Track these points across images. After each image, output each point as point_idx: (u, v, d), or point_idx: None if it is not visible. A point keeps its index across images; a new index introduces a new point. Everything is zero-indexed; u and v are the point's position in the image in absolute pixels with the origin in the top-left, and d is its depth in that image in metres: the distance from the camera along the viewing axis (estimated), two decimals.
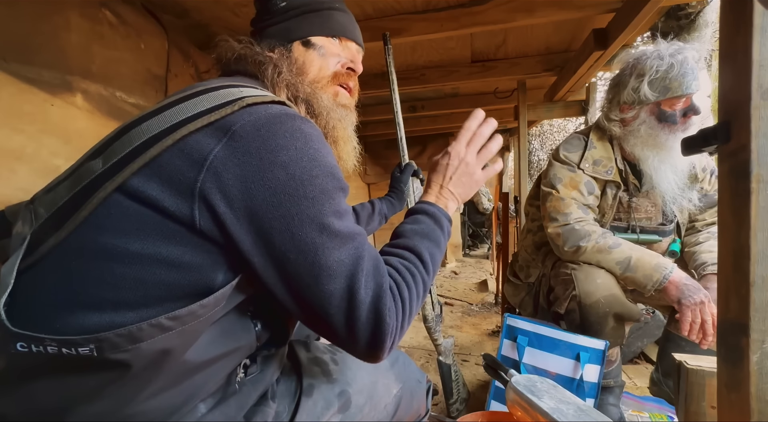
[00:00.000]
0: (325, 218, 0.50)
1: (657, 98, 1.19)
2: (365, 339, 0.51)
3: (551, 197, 1.31)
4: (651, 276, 1.13)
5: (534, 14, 1.51)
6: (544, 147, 6.12)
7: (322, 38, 0.75)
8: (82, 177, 0.49)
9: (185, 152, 0.47)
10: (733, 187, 0.52)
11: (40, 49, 1.14)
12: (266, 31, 0.74)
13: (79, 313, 0.43)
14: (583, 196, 1.28)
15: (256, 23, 0.77)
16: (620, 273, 1.18)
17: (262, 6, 0.76)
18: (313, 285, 0.49)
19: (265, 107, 0.52)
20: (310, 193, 0.50)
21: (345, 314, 0.50)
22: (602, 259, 1.19)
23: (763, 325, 0.49)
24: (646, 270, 1.14)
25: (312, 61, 0.73)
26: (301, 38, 0.74)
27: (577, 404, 0.86)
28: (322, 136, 0.56)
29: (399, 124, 1.27)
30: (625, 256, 1.17)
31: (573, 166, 1.32)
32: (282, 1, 0.73)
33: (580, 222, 1.24)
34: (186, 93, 0.54)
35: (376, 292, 0.52)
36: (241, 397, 0.57)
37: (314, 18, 0.75)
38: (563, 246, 1.24)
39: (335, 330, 0.51)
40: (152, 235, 0.45)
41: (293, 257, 0.49)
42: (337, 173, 0.54)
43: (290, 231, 0.48)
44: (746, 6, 0.48)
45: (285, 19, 0.74)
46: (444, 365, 1.33)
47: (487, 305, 3.04)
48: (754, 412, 0.49)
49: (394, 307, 0.53)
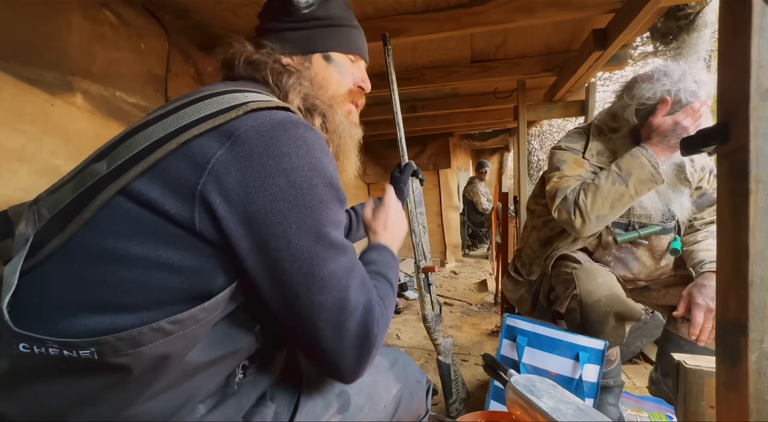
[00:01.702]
0: (322, 228, 0.51)
1: (637, 124, 1.20)
2: (352, 354, 0.52)
3: (552, 180, 1.30)
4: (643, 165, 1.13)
5: (534, 15, 1.51)
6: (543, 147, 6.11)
7: (340, 55, 0.76)
8: (85, 179, 0.49)
9: (188, 156, 0.47)
10: (731, 187, 0.52)
11: (40, 50, 1.14)
12: (284, 34, 0.73)
13: (81, 315, 0.44)
14: (588, 173, 1.27)
15: (269, 22, 0.75)
16: (624, 188, 1.15)
17: (281, 7, 0.73)
18: (304, 295, 0.50)
19: (269, 113, 0.53)
20: (309, 201, 0.50)
21: (333, 327, 0.51)
22: (597, 197, 1.16)
23: (761, 325, 0.49)
24: (634, 166, 1.15)
25: (331, 77, 0.75)
26: (323, 52, 0.74)
27: (577, 404, 0.86)
28: (325, 144, 0.56)
29: (398, 124, 1.27)
30: (609, 174, 1.17)
31: (578, 152, 1.32)
32: (305, 8, 0.72)
33: (572, 190, 1.23)
34: (191, 97, 0.55)
35: (366, 306, 0.53)
36: (240, 398, 0.57)
37: (335, 33, 0.75)
38: (571, 221, 1.21)
39: (320, 343, 0.51)
40: (153, 239, 0.46)
41: (287, 266, 0.49)
42: (337, 183, 0.55)
43: (287, 239, 0.49)
44: (745, 7, 0.48)
45: (306, 27, 0.73)
46: (443, 365, 1.33)
47: (486, 305, 3.04)
48: (753, 412, 0.49)
49: (381, 321, 0.55)
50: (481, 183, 5.70)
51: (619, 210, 1.18)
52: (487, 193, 5.70)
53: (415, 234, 1.26)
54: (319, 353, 0.53)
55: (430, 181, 4.65)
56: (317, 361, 0.54)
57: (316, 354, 0.53)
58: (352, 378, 0.55)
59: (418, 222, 1.26)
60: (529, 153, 5.81)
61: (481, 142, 5.78)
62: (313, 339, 0.52)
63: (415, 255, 1.27)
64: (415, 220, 1.26)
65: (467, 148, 6.41)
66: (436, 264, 1.38)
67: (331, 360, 0.53)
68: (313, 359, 0.55)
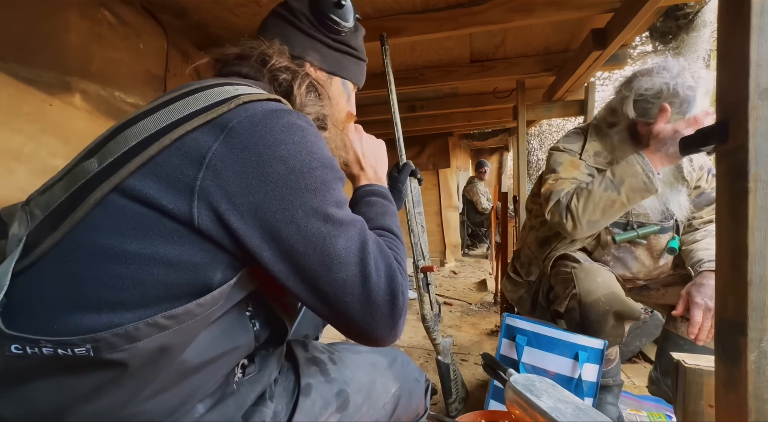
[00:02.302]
0: (328, 208, 0.51)
1: (635, 117, 1.20)
2: (384, 321, 0.53)
3: (548, 182, 1.31)
4: (636, 173, 1.12)
5: (533, 14, 1.51)
6: (543, 147, 6.12)
7: (351, 85, 0.80)
8: (77, 177, 0.49)
9: (183, 150, 0.47)
10: (730, 186, 0.52)
11: (38, 50, 1.14)
12: (317, 44, 0.73)
13: (77, 314, 0.43)
14: (584, 175, 1.27)
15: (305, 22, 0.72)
16: (616, 195, 1.14)
17: (324, 19, 0.72)
18: (325, 275, 0.50)
19: (260, 104, 0.53)
20: (311, 184, 0.50)
21: (360, 300, 0.52)
22: (588, 202, 1.16)
23: (760, 324, 0.49)
24: (627, 174, 1.13)
25: (341, 102, 0.78)
26: (343, 78, 0.78)
27: (576, 403, 0.86)
28: (317, 129, 0.56)
29: (396, 124, 1.27)
30: (604, 183, 1.15)
31: (574, 153, 1.32)
32: (345, 29, 0.73)
33: (565, 193, 1.23)
34: (180, 91, 0.54)
35: (387, 273, 0.54)
36: (239, 397, 0.57)
37: (356, 65, 0.79)
38: (564, 223, 1.21)
39: (351, 318, 0.52)
40: (150, 235, 0.45)
41: (302, 249, 0.49)
42: (334, 164, 0.55)
43: (296, 223, 0.49)
44: (744, 6, 0.48)
45: (340, 50, 0.75)
46: (443, 364, 1.33)
47: (486, 305, 3.04)
48: (752, 411, 0.49)
49: (402, 281, 0.56)
50: (480, 182, 5.70)
51: (612, 216, 1.17)
52: (486, 193, 5.70)
53: (414, 234, 1.25)
54: (354, 327, 0.53)
55: (429, 181, 4.65)
56: (353, 335, 0.55)
57: (351, 328, 0.54)
58: (391, 341, 0.56)
59: (417, 221, 1.26)
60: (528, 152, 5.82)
61: (480, 142, 5.78)
62: (344, 315, 0.52)
63: (414, 255, 1.27)
64: (414, 220, 1.25)
65: (466, 147, 6.41)
66: (435, 264, 1.38)
67: (367, 332, 0.54)
68: (348, 334, 0.56)
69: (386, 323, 0.54)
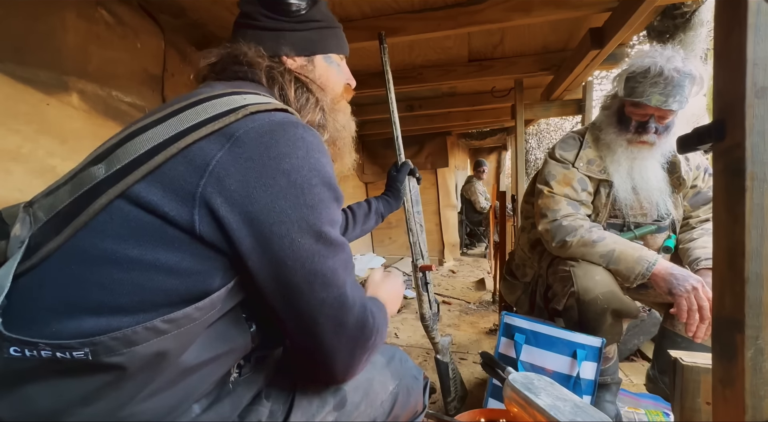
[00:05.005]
0: (322, 226, 0.52)
1: (623, 96, 1.21)
2: (348, 348, 0.54)
3: (543, 194, 1.32)
4: (633, 268, 1.14)
5: (531, 14, 1.52)
6: (541, 146, 6.13)
7: (336, 56, 0.80)
8: (83, 182, 0.49)
9: (188, 158, 0.48)
10: (727, 184, 0.52)
11: (35, 49, 1.14)
12: (284, 34, 0.73)
13: (77, 317, 0.43)
14: (576, 193, 1.29)
15: (263, 19, 0.73)
16: (604, 266, 1.18)
17: (278, 7, 0.73)
18: (307, 292, 0.51)
19: (268, 114, 0.54)
20: (310, 201, 0.51)
21: (333, 322, 0.53)
22: (586, 253, 1.20)
23: (757, 322, 0.49)
24: (629, 262, 1.15)
25: (331, 77, 0.78)
26: (324, 53, 0.77)
27: (574, 401, 0.87)
28: (323, 144, 0.57)
29: (395, 123, 1.27)
30: (609, 249, 1.17)
31: (567, 164, 1.33)
32: (303, 9, 0.73)
33: (567, 217, 1.25)
34: (190, 100, 0.55)
35: (362, 301, 0.56)
36: (235, 397, 0.57)
37: (331, 34, 0.79)
38: (551, 242, 1.26)
39: (317, 339, 0.53)
40: (152, 241, 0.46)
41: (290, 263, 0.50)
42: (334, 183, 0.56)
43: (290, 237, 0.49)
44: (740, 5, 0.48)
45: (306, 28, 0.75)
46: (441, 363, 1.33)
47: (484, 303, 3.04)
48: (749, 408, 0.49)
49: (378, 316, 0.57)
50: (479, 182, 5.70)
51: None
52: (485, 192, 5.70)
53: (413, 233, 1.26)
54: (317, 350, 0.54)
55: (428, 180, 4.65)
56: (311, 360, 0.56)
57: (313, 353, 0.54)
58: (345, 375, 0.57)
59: (415, 221, 1.26)
60: (526, 151, 5.82)
61: (478, 141, 5.79)
62: (312, 335, 0.53)
63: (413, 254, 1.27)
64: (413, 219, 1.26)
65: (465, 146, 6.41)
66: (434, 263, 1.38)
67: (329, 357, 0.54)
68: (308, 359, 0.56)
69: (350, 351, 0.55)
